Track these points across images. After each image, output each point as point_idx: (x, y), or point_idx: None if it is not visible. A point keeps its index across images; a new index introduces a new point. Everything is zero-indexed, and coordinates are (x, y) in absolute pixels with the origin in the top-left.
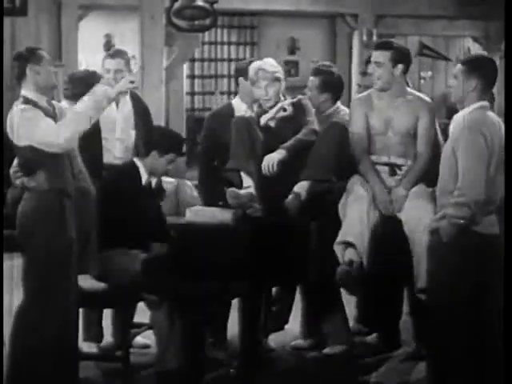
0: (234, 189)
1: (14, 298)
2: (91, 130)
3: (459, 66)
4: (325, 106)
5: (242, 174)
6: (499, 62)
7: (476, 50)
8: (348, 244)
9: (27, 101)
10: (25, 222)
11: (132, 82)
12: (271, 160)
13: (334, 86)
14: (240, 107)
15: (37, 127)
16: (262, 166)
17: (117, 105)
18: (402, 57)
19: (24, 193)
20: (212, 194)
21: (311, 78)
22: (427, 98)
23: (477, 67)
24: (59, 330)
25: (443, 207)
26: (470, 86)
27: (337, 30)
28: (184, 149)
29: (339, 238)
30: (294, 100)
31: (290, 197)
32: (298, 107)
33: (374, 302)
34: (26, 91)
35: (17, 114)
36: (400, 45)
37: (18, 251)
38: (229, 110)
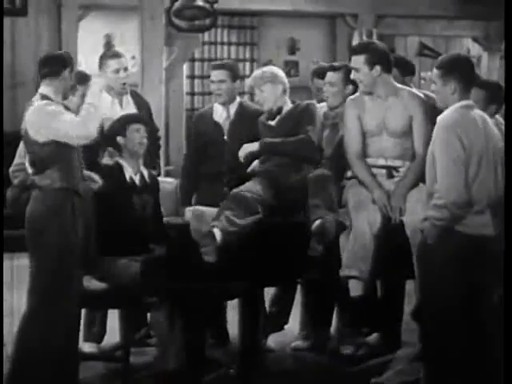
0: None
1: (15, 298)
2: None
3: (435, 70)
4: (337, 100)
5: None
6: (499, 63)
7: (476, 50)
8: (351, 277)
9: (45, 98)
10: (37, 221)
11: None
12: (244, 150)
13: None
14: (218, 109)
15: (61, 121)
16: (239, 153)
17: (121, 105)
18: (377, 58)
19: (24, 192)
20: (193, 193)
21: (330, 73)
22: (420, 95)
23: (452, 69)
24: (66, 331)
25: (429, 208)
26: (449, 89)
27: (337, 30)
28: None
29: (341, 272)
30: (302, 103)
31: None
32: (304, 112)
33: (375, 302)
34: (45, 90)
35: (38, 109)
36: (376, 46)
37: (21, 251)
38: (210, 111)
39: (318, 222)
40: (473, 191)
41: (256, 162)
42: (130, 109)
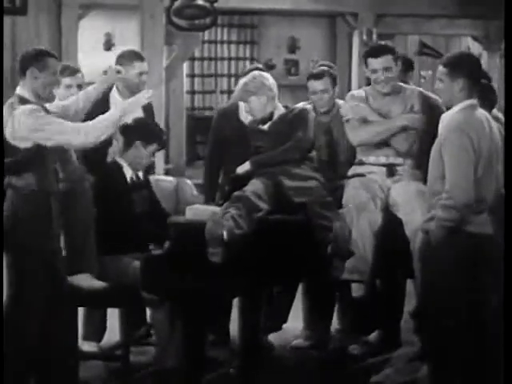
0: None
1: None
2: None
3: (441, 68)
4: (330, 103)
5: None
6: (499, 62)
7: (476, 49)
8: (353, 280)
9: (23, 100)
10: (12, 221)
11: (149, 97)
12: (238, 172)
13: (336, 81)
14: (243, 106)
15: (60, 129)
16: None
17: None
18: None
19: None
20: (216, 191)
21: (315, 82)
22: (421, 89)
23: (460, 67)
24: (45, 332)
25: (432, 208)
26: (457, 87)
27: (337, 30)
28: (163, 140)
29: (343, 276)
30: (295, 109)
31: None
32: (297, 117)
33: (375, 301)
34: (24, 91)
35: (23, 114)
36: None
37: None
38: (235, 108)
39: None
40: (478, 191)
41: (247, 164)
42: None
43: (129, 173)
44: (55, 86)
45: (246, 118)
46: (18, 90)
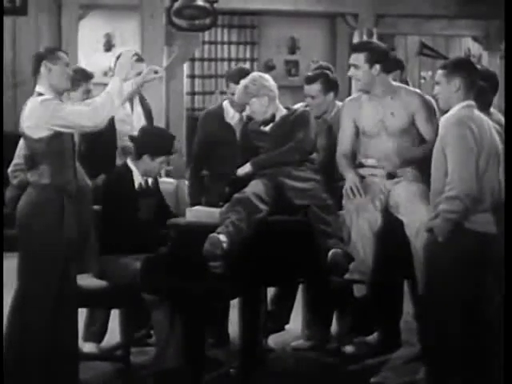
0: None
1: None
2: (106, 130)
3: (439, 71)
4: (331, 106)
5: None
6: (499, 62)
7: (476, 49)
8: (354, 281)
9: (40, 95)
10: (22, 215)
11: (156, 72)
12: (239, 173)
13: (334, 84)
14: (229, 110)
15: (67, 111)
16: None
17: (131, 107)
18: (378, 57)
19: (23, 192)
20: (200, 192)
21: (307, 86)
22: (417, 90)
23: (457, 68)
24: (53, 329)
25: (436, 206)
26: (453, 87)
27: (337, 30)
28: (174, 147)
29: (345, 275)
30: (297, 110)
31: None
32: (298, 118)
33: (375, 302)
34: (41, 87)
35: (35, 104)
36: (377, 45)
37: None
38: (220, 110)
39: (330, 254)
40: (480, 187)
41: (248, 165)
42: (139, 112)
43: (138, 179)
44: (70, 77)
45: (231, 118)
46: (37, 87)
